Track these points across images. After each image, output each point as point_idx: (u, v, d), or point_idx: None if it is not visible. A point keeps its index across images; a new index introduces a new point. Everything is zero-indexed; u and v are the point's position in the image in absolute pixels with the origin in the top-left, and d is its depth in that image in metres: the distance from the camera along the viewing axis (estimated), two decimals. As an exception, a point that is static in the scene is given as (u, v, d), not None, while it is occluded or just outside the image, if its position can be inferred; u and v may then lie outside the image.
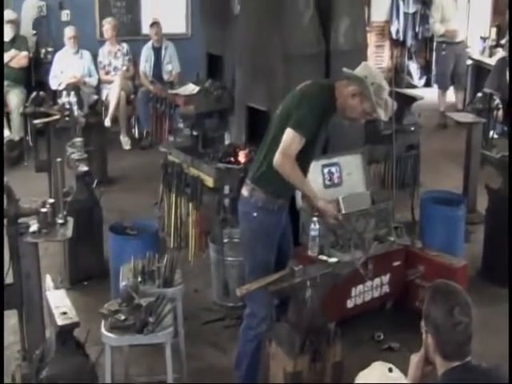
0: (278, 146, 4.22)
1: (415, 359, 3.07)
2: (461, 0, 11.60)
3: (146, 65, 10.32)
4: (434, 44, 13.60)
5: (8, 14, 9.61)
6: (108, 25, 10.29)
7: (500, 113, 8.80)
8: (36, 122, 6.84)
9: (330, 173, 5.79)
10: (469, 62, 11.63)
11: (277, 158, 4.18)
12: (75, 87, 9.33)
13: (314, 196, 4.44)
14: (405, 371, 3.15)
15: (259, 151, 4.52)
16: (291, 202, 5.54)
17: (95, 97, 8.71)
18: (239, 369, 4.61)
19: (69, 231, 4.51)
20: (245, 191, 4.46)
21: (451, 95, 11.87)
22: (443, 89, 11.69)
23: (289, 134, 4.17)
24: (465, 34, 11.57)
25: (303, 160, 4.29)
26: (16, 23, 9.86)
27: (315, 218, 5.19)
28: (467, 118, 8.01)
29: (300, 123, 4.18)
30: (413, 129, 7.21)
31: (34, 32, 10.56)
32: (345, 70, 4.39)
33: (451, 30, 11.05)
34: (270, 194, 4.37)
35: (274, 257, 4.48)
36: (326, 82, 4.57)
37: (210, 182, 5.84)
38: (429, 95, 11.83)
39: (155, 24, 10.33)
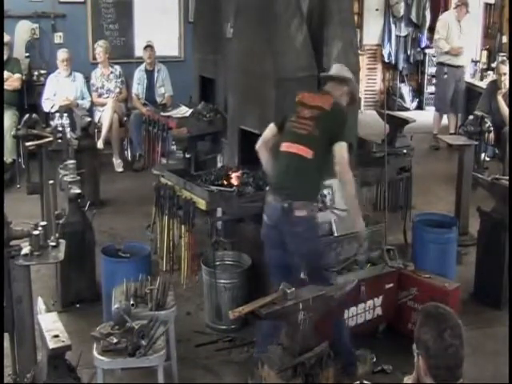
0: (324, 164, 4.92)
1: (408, 382, 3.06)
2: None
3: (138, 87, 10.33)
4: (427, 67, 13.77)
5: (1, 36, 9.64)
6: (100, 48, 10.29)
7: (491, 135, 8.85)
8: (28, 144, 6.82)
9: (323, 195, 5.79)
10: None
11: (344, 170, 4.87)
12: (68, 110, 9.37)
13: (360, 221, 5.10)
14: (398, 394, 3.14)
15: (313, 174, 5.01)
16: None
17: (88, 119, 8.69)
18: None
19: (61, 254, 4.50)
20: (300, 212, 4.82)
21: (445, 118, 11.87)
22: (440, 112, 11.68)
23: (344, 147, 4.83)
24: (466, 59, 11.57)
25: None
26: (9, 45, 9.87)
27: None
28: (459, 140, 8.05)
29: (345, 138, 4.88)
30: (405, 151, 7.23)
31: (27, 54, 10.60)
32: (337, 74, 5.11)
33: (456, 48, 11.08)
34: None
35: None
36: (338, 102, 5.05)
37: (202, 204, 5.84)
38: (421, 118, 11.90)
39: (148, 47, 10.35)
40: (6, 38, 9.77)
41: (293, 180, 4.87)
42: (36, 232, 4.41)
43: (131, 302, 4.78)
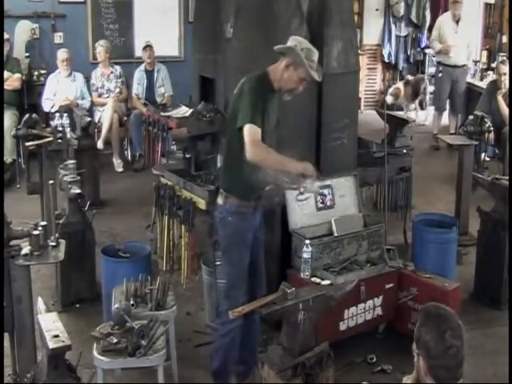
0: (234, 149, 4.45)
1: (407, 382, 3.06)
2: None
3: (138, 87, 10.34)
4: (427, 67, 13.81)
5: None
6: (101, 47, 10.30)
7: (491, 135, 8.84)
8: (28, 144, 6.83)
9: (323, 195, 5.79)
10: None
11: (248, 152, 4.28)
12: (68, 109, 9.36)
13: (295, 164, 4.45)
14: (398, 394, 3.14)
15: (222, 160, 4.80)
16: (283, 225, 5.57)
17: (88, 119, 8.70)
18: (214, 361, 4.79)
19: (61, 254, 4.50)
20: (220, 200, 4.67)
21: (446, 118, 11.89)
22: (439, 110, 11.71)
23: (245, 130, 4.31)
24: (466, 59, 11.50)
25: None
26: (8, 43, 9.87)
27: (307, 241, 5.21)
28: (459, 140, 8.05)
29: (247, 116, 4.34)
30: (405, 151, 7.23)
31: (27, 54, 10.61)
32: (276, 47, 4.63)
33: (446, 46, 11.13)
34: (241, 198, 4.55)
35: (247, 259, 4.66)
36: (260, 72, 4.65)
37: (202, 204, 5.83)
38: (421, 118, 11.91)
39: (148, 47, 10.36)
40: (5, 36, 9.75)
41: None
42: (36, 232, 4.41)
43: (131, 302, 4.78)
